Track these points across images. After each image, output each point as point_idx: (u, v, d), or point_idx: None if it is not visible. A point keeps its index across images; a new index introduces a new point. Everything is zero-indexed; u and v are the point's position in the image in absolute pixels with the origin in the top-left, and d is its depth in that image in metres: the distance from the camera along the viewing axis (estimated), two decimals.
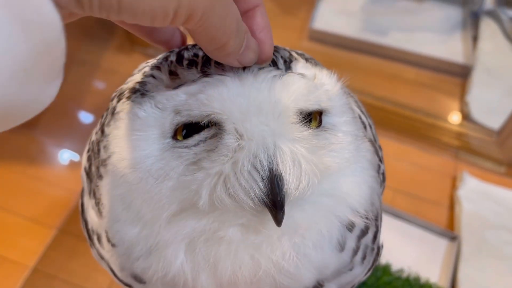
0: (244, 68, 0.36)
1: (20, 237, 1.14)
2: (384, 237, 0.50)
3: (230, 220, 0.37)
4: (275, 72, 0.37)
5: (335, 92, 0.41)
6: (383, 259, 1.07)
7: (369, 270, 0.48)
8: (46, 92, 0.26)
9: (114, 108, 0.41)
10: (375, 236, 0.46)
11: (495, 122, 1.46)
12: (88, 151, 0.45)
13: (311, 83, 0.38)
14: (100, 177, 0.40)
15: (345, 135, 0.41)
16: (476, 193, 1.27)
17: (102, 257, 0.45)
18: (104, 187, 0.40)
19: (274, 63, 0.39)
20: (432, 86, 1.66)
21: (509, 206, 1.26)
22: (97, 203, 0.42)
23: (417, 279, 1.04)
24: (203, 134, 0.36)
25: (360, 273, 0.45)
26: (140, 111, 0.37)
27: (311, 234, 0.39)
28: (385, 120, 1.49)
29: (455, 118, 1.54)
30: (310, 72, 0.41)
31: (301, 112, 0.37)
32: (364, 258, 0.45)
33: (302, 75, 0.38)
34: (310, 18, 1.84)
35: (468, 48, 1.76)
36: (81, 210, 0.46)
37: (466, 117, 1.52)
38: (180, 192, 0.36)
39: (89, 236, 0.45)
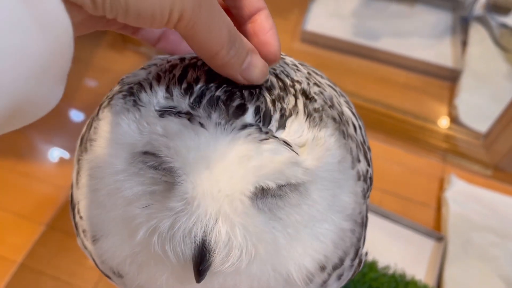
0: (230, 119, 0.34)
1: (8, 233, 1.13)
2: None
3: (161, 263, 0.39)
4: (255, 134, 0.34)
5: (322, 163, 0.38)
6: (370, 256, 1.08)
7: (349, 280, 0.48)
8: (55, 94, 0.27)
9: (113, 96, 0.41)
10: (355, 257, 0.46)
11: (482, 125, 1.48)
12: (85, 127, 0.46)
13: (287, 159, 0.35)
14: (85, 149, 0.42)
15: (312, 204, 0.39)
16: (463, 195, 1.29)
17: (85, 247, 0.46)
18: (84, 165, 0.42)
19: (269, 118, 0.35)
20: (422, 89, 1.68)
21: (495, 208, 1.28)
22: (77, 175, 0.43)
23: (403, 276, 1.05)
24: (159, 174, 0.37)
25: (336, 287, 0.46)
26: (124, 122, 0.37)
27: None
28: (375, 122, 1.50)
29: (443, 121, 1.56)
30: (302, 137, 0.36)
31: (261, 188, 0.36)
32: (340, 277, 0.45)
33: (286, 144, 0.35)
34: (302, 20, 1.86)
35: (457, 53, 1.79)
36: (71, 200, 0.46)
37: (454, 120, 1.54)
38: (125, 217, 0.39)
39: (76, 226, 0.46)
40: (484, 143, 1.44)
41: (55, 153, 1.35)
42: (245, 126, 0.34)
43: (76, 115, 1.50)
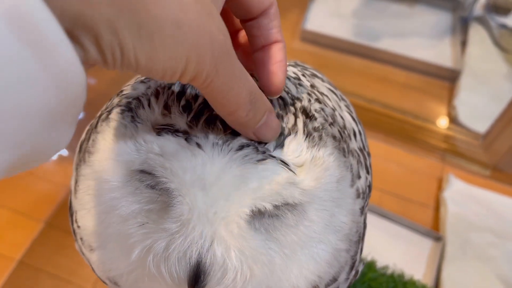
0: (227, 140, 0.34)
1: (7, 230, 1.13)
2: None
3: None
4: (252, 155, 0.34)
5: (320, 183, 0.38)
6: (369, 256, 1.08)
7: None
8: (66, 137, 0.27)
9: (111, 109, 0.40)
10: (350, 270, 0.46)
11: (481, 126, 1.48)
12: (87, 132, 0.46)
13: (284, 180, 0.35)
14: (83, 160, 0.41)
15: (310, 225, 0.39)
16: (462, 195, 1.29)
17: (83, 253, 0.46)
18: (82, 177, 0.41)
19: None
20: (421, 89, 1.69)
21: (493, 208, 1.29)
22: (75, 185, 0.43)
23: (401, 276, 1.05)
24: (155, 194, 0.36)
25: None
26: (121, 139, 0.37)
27: None
28: (374, 122, 1.50)
29: (442, 121, 1.57)
30: (301, 157, 0.36)
31: (257, 209, 0.35)
32: None
33: (284, 164, 0.35)
34: (302, 19, 1.86)
35: (457, 53, 1.79)
36: (70, 205, 0.46)
37: (454, 120, 1.54)
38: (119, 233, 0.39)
39: (74, 232, 0.46)
40: (483, 143, 1.45)
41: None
42: (242, 147, 0.33)
43: None
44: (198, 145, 0.33)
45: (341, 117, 0.44)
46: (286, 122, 0.37)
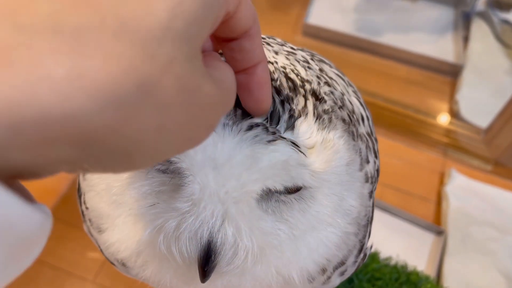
0: (237, 120, 0.33)
1: None
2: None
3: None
4: (263, 135, 0.33)
5: (330, 166, 0.37)
6: (372, 247, 1.08)
7: (353, 273, 0.48)
8: (27, 262, 0.23)
9: None
10: (359, 253, 0.46)
11: (483, 121, 1.48)
12: None
13: (294, 161, 0.34)
14: None
15: (319, 208, 0.39)
16: (463, 189, 1.30)
17: (91, 235, 0.45)
18: None
19: (277, 118, 0.35)
20: (423, 84, 1.68)
21: (495, 203, 1.29)
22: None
23: (404, 267, 1.06)
24: (166, 177, 0.36)
25: (338, 283, 0.46)
26: None
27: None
28: (376, 116, 1.49)
29: (444, 116, 1.57)
30: (311, 139, 0.36)
31: (268, 189, 0.35)
32: (343, 273, 0.45)
33: (295, 145, 0.34)
34: (305, 13, 1.85)
35: (459, 48, 1.79)
36: (78, 187, 0.46)
37: (455, 115, 1.54)
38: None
39: (82, 213, 0.46)
40: (485, 138, 1.44)
41: None
42: (251, 127, 0.33)
43: None
44: None
45: (350, 102, 0.44)
46: (296, 104, 0.36)
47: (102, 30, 0.18)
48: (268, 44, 0.44)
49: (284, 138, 0.34)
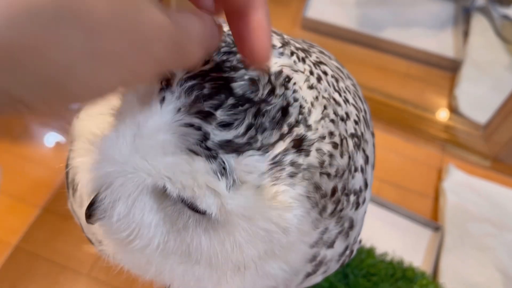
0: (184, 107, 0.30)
1: (3, 215, 1.12)
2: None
3: None
4: (192, 141, 0.29)
5: (254, 217, 0.32)
6: (368, 243, 1.08)
7: (343, 264, 0.46)
8: None
9: None
10: (344, 252, 0.42)
11: (482, 116, 1.47)
12: None
13: (204, 180, 0.30)
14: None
15: (220, 249, 0.34)
16: (461, 185, 1.29)
17: (74, 211, 0.45)
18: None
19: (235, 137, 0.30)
20: (422, 79, 1.67)
21: (493, 199, 1.28)
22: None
23: (400, 263, 1.05)
24: None
25: (320, 279, 0.44)
26: None
27: None
28: (375, 111, 1.48)
29: (443, 111, 1.56)
30: (251, 176, 0.31)
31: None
32: (325, 271, 0.42)
33: (222, 169, 0.30)
34: (304, 7, 1.84)
35: (458, 43, 1.78)
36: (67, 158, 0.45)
37: (454, 110, 1.53)
38: None
39: (67, 186, 0.45)
40: (484, 134, 1.44)
41: (51, 136, 1.33)
42: (191, 125, 0.29)
43: None
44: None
45: (363, 182, 0.39)
46: (264, 137, 0.31)
47: None
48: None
49: (215, 157, 0.30)
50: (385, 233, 1.14)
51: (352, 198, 0.37)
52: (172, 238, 0.34)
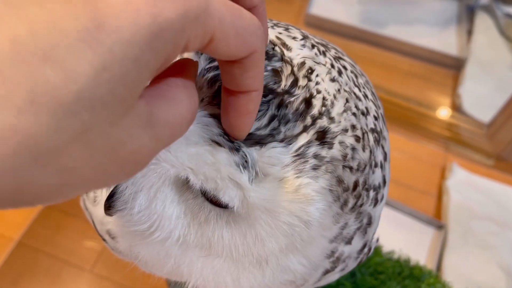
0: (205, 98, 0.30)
1: (6, 211, 1.12)
2: None
3: None
4: (214, 130, 0.29)
5: (275, 209, 0.32)
6: (378, 240, 1.08)
7: (357, 265, 0.46)
8: None
9: None
10: (361, 249, 0.42)
11: (485, 115, 1.47)
12: None
13: (227, 172, 0.30)
14: None
15: (242, 243, 0.34)
16: (464, 184, 1.29)
17: (86, 208, 0.44)
18: None
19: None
20: (425, 77, 1.67)
21: (496, 198, 1.28)
22: None
23: (407, 261, 1.05)
24: None
25: (337, 277, 0.44)
26: None
27: None
28: None
29: (446, 109, 1.55)
30: (274, 168, 0.30)
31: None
32: (343, 269, 0.42)
33: (244, 162, 0.30)
34: (307, 4, 1.83)
35: (462, 41, 1.77)
36: None
37: (458, 109, 1.53)
38: None
39: None
40: (487, 132, 1.43)
41: None
42: (214, 115, 0.29)
43: None
44: None
45: (381, 179, 0.38)
46: (288, 128, 0.30)
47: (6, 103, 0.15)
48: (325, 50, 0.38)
49: (238, 149, 0.29)
50: (389, 231, 1.14)
51: (372, 194, 0.37)
52: (193, 231, 0.34)
